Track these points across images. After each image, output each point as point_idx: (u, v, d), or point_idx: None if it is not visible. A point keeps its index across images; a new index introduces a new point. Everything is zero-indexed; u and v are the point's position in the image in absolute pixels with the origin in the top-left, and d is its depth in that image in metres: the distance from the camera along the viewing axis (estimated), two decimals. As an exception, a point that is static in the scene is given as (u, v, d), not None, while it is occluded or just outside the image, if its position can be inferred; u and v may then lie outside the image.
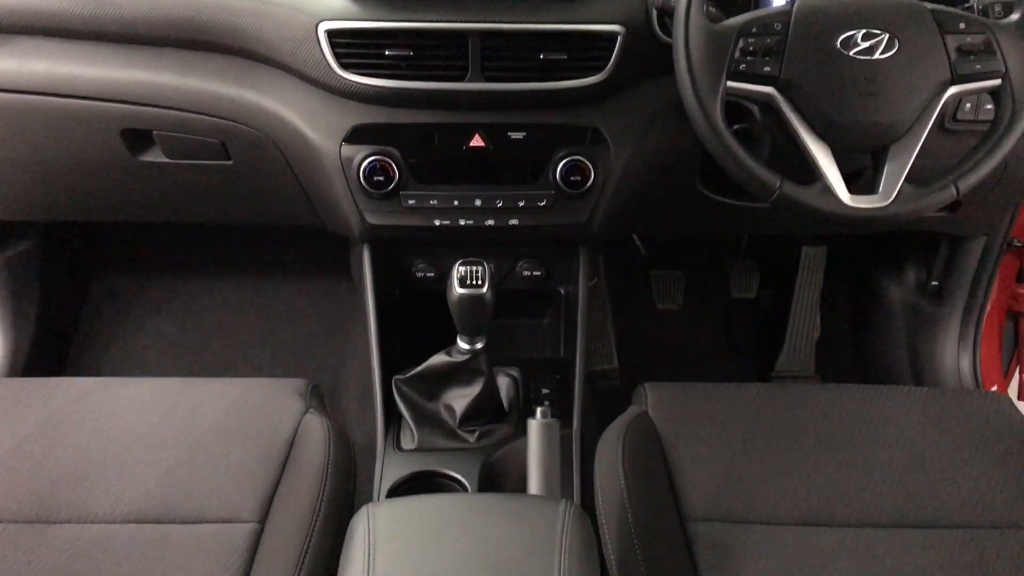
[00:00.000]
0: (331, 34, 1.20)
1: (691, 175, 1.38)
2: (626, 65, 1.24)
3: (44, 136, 1.34)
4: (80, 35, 1.26)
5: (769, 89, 1.07)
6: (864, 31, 1.06)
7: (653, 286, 2.07)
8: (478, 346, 1.31)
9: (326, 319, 1.99)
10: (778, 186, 1.08)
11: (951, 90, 1.07)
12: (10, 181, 1.44)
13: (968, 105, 1.30)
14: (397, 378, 1.41)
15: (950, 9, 1.08)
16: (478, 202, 1.31)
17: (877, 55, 1.06)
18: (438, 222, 1.32)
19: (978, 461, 1.13)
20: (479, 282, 1.21)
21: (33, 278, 1.80)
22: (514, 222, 1.33)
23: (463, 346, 1.32)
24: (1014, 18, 1.08)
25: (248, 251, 2.04)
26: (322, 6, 1.20)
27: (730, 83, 1.06)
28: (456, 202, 1.31)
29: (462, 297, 1.21)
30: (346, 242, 1.65)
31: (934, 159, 1.22)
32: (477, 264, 1.22)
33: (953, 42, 1.06)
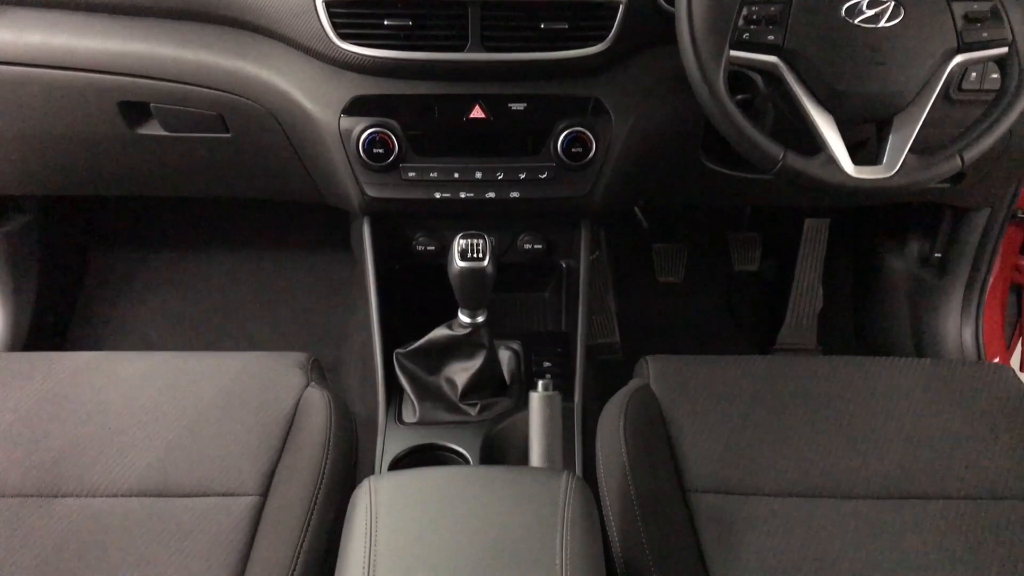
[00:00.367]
0: (329, 4, 1.18)
1: (693, 146, 1.37)
2: (628, 34, 1.23)
3: (41, 109, 1.33)
4: (77, 6, 1.25)
5: (773, 58, 1.06)
6: None
7: (655, 259, 2.07)
8: (479, 319, 1.31)
9: (327, 293, 1.99)
10: (781, 157, 1.08)
11: (957, 59, 1.06)
12: (7, 155, 1.43)
13: (974, 75, 1.28)
14: (398, 352, 1.41)
15: None
16: (479, 174, 1.31)
17: (882, 23, 1.04)
18: (438, 195, 1.32)
19: (980, 432, 1.13)
20: (480, 255, 1.20)
21: (32, 253, 1.80)
22: (515, 194, 1.32)
23: (464, 319, 1.31)
24: None
25: (248, 225, 2.03)
26: None
27: (733, 52, 1.05)
28: (456, 174, 1.30)
29: (463, 270, 1.21)
30: (346, 216, 1.64)
31: (939, 129, 1.21)
32: (478, 237, 1.21)
33: (960, 9, 1.05)
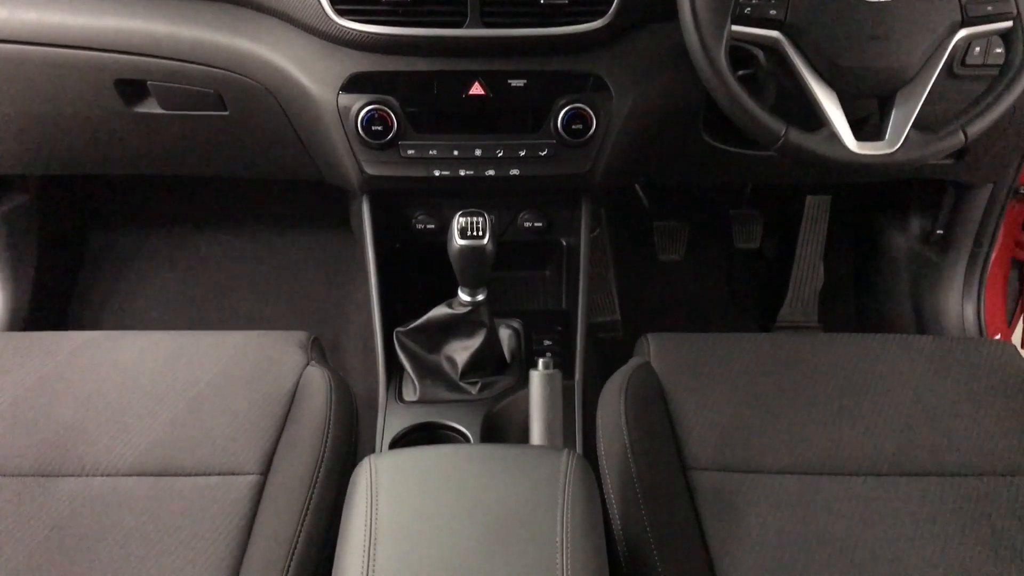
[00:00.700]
0: None
1: (695, 123, 1.36)
2: (629, 9, 1.21)
3: (37, 87, 1.32)
4: None
5: (775, 33, 1.05)
6: None
7: (655, 237, 2.06)
8: (479, 298, 1.31)
9: (326, 272, 1.99)
10: (783, 133, 1.07)
11: (961, 33, 1.05)
12: (4, 134, 1.43)
13: (977, 49, 1.27)
14: (398, 330, 1.41)
15: None
16: (478, 152, 1.30)
17: None
18: (438, 172, 1.31)
19: (982, 409, 1.13)
20: (480, 233, 1.20)
21: (31, 232, 1.79)
22: (515, 172, 1.31)
23: (464, 298, 1.31)
24: None
25: (248, 204, 2.03)
26: None
27: (735, 27, 1.04)
28: (456, 152, 1.30)
29: (463, 248, 1.20)
30: (346, 194, 1.64)
31: (942, 105, 1.20)
32: (478, 215, 1.20)
33: None
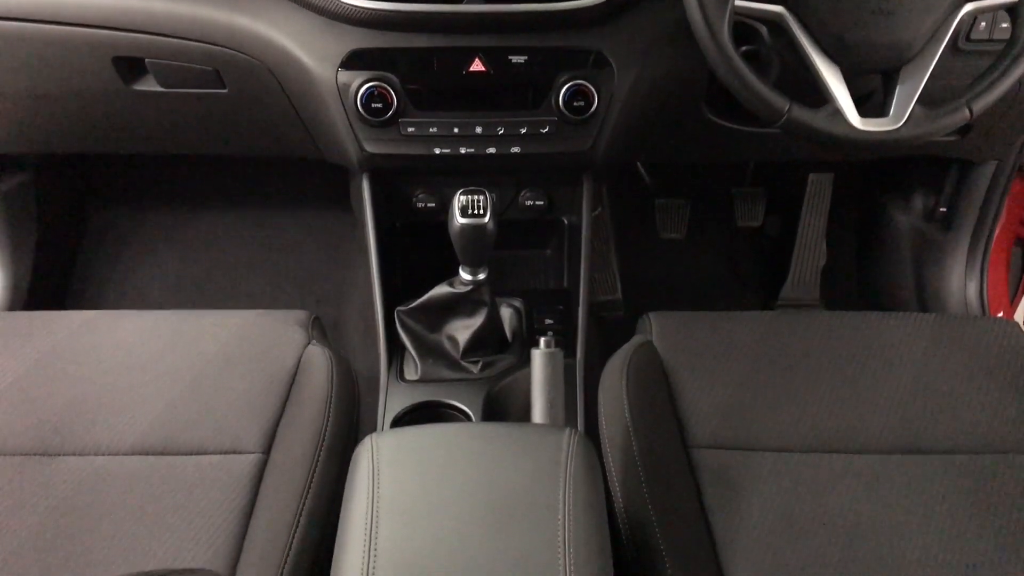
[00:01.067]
0: None
1: (697, 99, 1.35)
2: None
3: (34, 65, 1.31)
4: None
5: (778, 8, 1.04)
6: None
7: (657, 215, 2.06)
8: (480, 277, 1.30)
9: (327, 251, 1.98)
10: (787, 109, 1.06)
11: (967, 7, 1.04)
12: (3, 112, 1.42)
13: (983, 24, 1.26)
14: (399, 309, 1.40)
15: None
16: (479, 129, 1.29)
17: None
18: (438, 150, 1.30)
19: (985, 387, 1.13)
20: (481, 211, 1.19)
21: (30, 211, 1.79)
22: (516, 150, 1.31)
23: (465, 277, 1.30)
24: None
25: (247, 183, 2.02)
26: None
27: (738, 2, 1.03)
28: (456, 129, 1.29)
29: (464, 227, 1.20)
30: (346, 173, 1.63)
31: (947, 81, 1.19)
32: (479, 193, 1.20)
33: None
